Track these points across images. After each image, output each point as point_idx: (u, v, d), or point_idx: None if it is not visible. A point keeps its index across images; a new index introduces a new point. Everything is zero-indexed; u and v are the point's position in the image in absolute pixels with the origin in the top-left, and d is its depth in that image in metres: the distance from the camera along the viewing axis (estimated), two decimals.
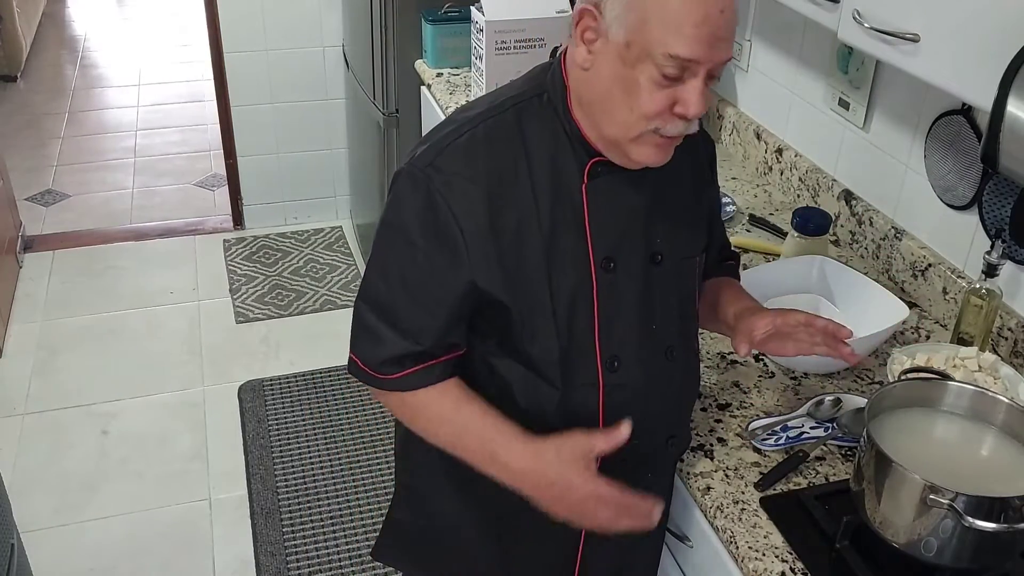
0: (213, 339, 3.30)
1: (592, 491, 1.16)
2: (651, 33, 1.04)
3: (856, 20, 1.37)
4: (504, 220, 1.15)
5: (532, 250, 1.16)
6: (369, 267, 1.24)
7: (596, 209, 1.19)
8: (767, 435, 1.45)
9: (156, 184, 4.29)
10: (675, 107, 1.08)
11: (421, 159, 1.17)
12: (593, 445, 1.16)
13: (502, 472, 1.20)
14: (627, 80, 1.08)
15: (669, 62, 1.05)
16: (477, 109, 1.20)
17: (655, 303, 1.24)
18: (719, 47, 1.06)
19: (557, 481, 1.16)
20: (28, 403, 2.98)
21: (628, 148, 1.13)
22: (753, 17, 2.26)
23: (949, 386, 1.30)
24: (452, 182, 1.14)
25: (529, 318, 1.19)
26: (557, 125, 1.18)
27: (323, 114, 3.74)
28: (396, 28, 2.80)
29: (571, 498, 1.16)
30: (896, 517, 1.17)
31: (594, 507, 1.17)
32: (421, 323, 1.19)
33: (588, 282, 1.19)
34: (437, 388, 1.22)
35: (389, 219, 1.20)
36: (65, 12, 6.42)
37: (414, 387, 1.22)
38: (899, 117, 1.83)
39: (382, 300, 1.21)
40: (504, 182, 1.15)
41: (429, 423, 1.25)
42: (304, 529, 2.55)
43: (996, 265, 1.50)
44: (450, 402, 1.22)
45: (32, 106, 4.99)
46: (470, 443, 1.22)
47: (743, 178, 2.28)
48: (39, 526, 2.54)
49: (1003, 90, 1.07)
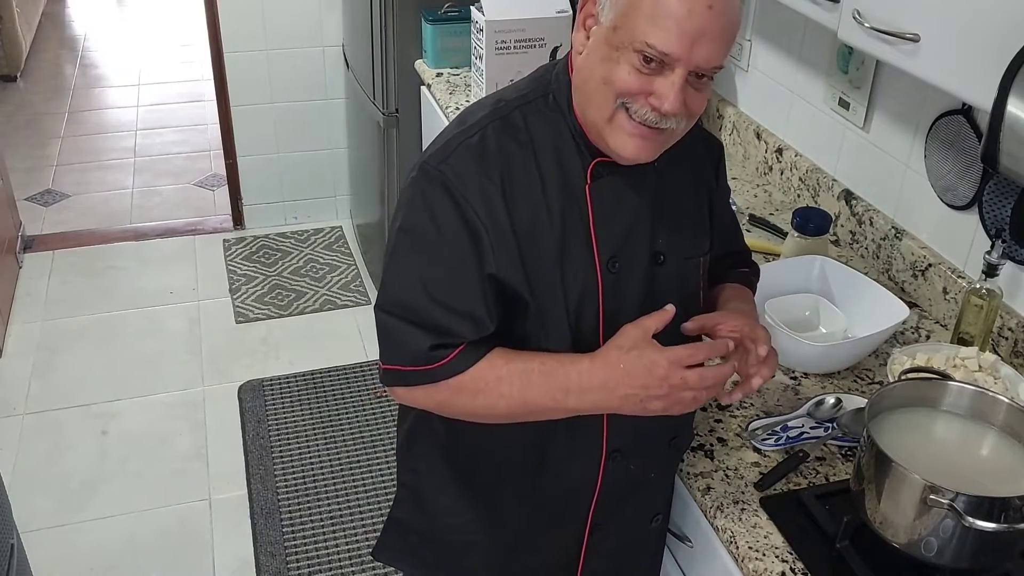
0: (213, 339, 3.30)
1: (678, 354, 1.13)
2: (635, 20, 1.06)
3: (856, 20, 1.38)
4: (519, 218, 1.15)
5: (546, 248, 1.17)
6: (388, 274, 1.21)
7: (600, 210, 1.19)
8: (767, 435, 1.45)
9: (156, 184, 4.29)
10: (651, 96, 1.09)
11: (433, 159, 1.17)
12: (647, 327, 1.15)
13: (582, 398, 1.16)
14: (610, 62, 1.09)
15: (646, 50, 1.05)
16: (483, 111, 1.20)
17: (658, 303, 1.24)
18: (701, 47, 1.05)
19: (635, 370, 1.13)
20: (28, 403, 2.98)
21: (605, 133, 1.14)
22: (753, 17, 2.26)
23: (949, 386, 1.30)
24: (467, 179, 1.14)
25: (545, 314, 1.19)
26: (563, 125, 1.18)
27: (323, 114, 3.74)
28: (396, 28, 2.80)
29: (660, 374, 1.13)
30: (896, 517, 1.17)
31: (685, 373, 1.13)
32: (450, 321, 1.16)
33: (594, 282, 1.19)
34: (486, 358, 1.18)
35: (407, 223, 1.19)
36: (65, 12, 6.42)
37: (463, 368, 1.17)
38: (899, 117, 1.83)
39: (406, 301, 1.18)
40: (516, 181, 1.15)
41: (490, 392, 1.18)
42: (304, 529, 2.55)
43: (996, 265, 1.50)
44: (502, 360, 1.18)
45: (32, 106, 4.99)
46: (538, 388, 1.17)
47: (743, 178, 2.28)
48: (39, 526, 2.54)
49: (1003, 90, 1.07)
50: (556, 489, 1.31)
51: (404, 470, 1.44)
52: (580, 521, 1.34)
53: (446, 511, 1.38)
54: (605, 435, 1.27)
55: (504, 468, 1.31)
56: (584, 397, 1.16)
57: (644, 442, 1.31)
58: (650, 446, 1.32)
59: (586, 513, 1.33)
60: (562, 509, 1.33)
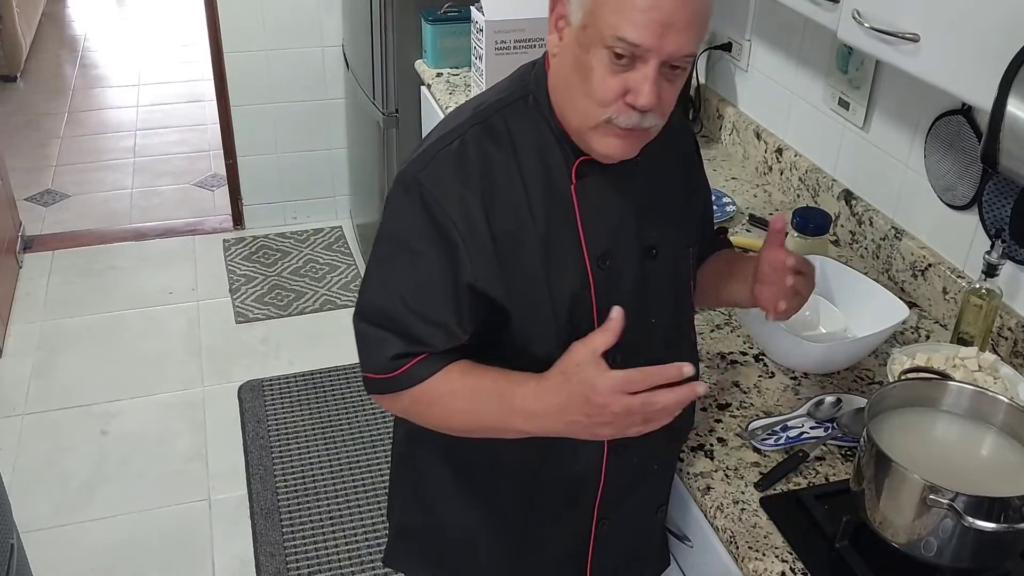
0: (213, 339, 3.30)
1: (617, 381, 1.05)
2: (602, 15, 1.05)
3: (856, 20, 1.38)
4: (500, 224, 1.15)
5: (530, 252, 1.16)
6: (366, 281, 1.23)
7: (587, 208, 1.19)
8: (767, 435, 1.45)
9: (156, 184, 4.29)
10: (627, 96, 1.07)
11: (412, 168, 1.17)
12: (594, 346, 1.08)
13: (528, 422, 1.13)
14: (583, 64, 1.08)
15: (617, 44, 1.04)
16: (464, 115, 1.20)
17: (652, 296, 1.25)
18: (671, 36, 1.04)
19: (576, 398, 1.08)
20: (28, 403, 2.98)
21: (590, 139, 1.13)
22: (753, 17, 2.26)
23: (949, 386, 1.30)
24: (446, 188, 1.14)
25: (529, 320, 1.18)
26: (543, 126, 1.18)
27: (323, 114, 3.74)
28: (396, 28, 2.80)
29: (600, 402, 1.06)
30: (896, 517, 1.17)
31: (628, 400, 1.06)
32: (423, 331, 1.17)
33: (585, 280, 1.19)
34: (444, 370, 1.18)
35: (385, 232, 1.20)
36: (65, 12, 6.42)
37: (422, 377, 1.18)
38: (899, 117, 1.83)
39: (384, 310, 1.19)
40: (497, 186, 1.15)
41: (442, 405, 1.19)
42: (304, 529, 2.55)
43: (996, 265, 1.50)
44: (457, 374, 1.17)
45: (32, 106, 4.99)
46: (487, 407, 1.16)
47: (743, 178, 2.28)
48: (39, 526, 2.54)
49: (1003, 90, 1.07)
50: (560, 483, 1.31)
51: (405, 474, 1.44)
52: (587, 515, 1.34)
53: (451, 512, 1.37)
54: None
55: (505, 466, 1.31)
56: (531, 421, 1.13)
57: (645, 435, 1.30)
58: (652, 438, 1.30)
59: (591, 507, 1.33)
60: (567, 503, 1.33)
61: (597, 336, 1.08)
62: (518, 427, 1.15)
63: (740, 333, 1.70)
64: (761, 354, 1.64)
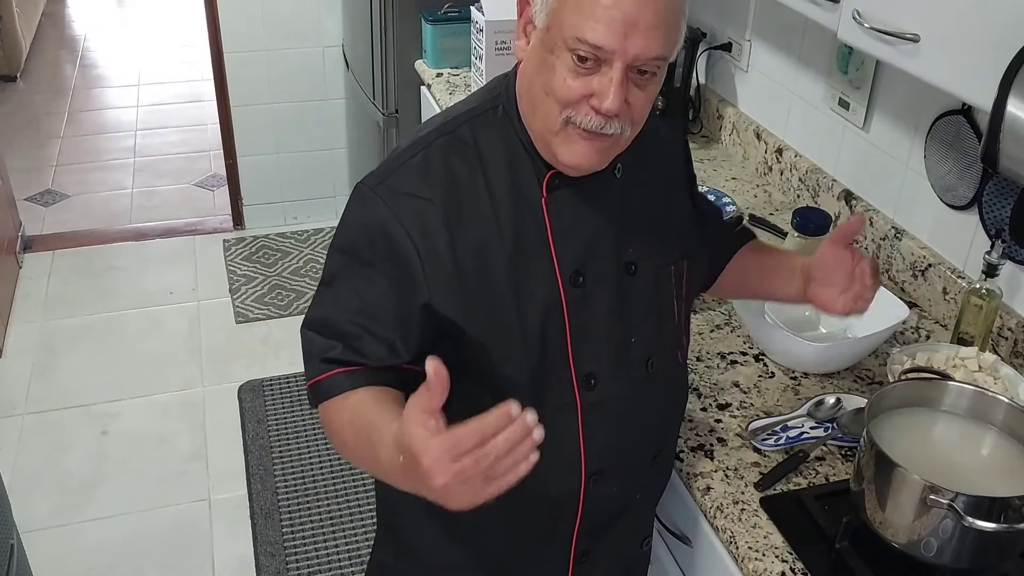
0: (213, 339, 3.30)
1: (444, 446, 0.87)
2: (563, 16, 1.01)
3: (856, 20, 1.37)
4: (464, 241, 1.09)
5: (496, 270, 1.11)
6: (318, 292, 1.17)
7: (559, 223, 1.13)
8: (767, 435, 1.45)
9: (156, 184, 4.29)
10: (591, 99, 1.03)
11: (371, 179, 1.12)
12: (422, 404, 0.89)
13: (395, 482, 0.99)
14: (547, 66, 1.04)
15: (579, 46, 1.00)
16: (431, 127, 1.16)
17: (631, 315, 1.19)
18: (635, 37, 0.99)
19: (409, 469, 0.91)
20: (28, 403, 2.98)
21: (555, 147, 1.08)
22: (753, 17, 2.26)
23: (949, 386, 1.30)
24: (404, 202, 1.09)
25: (495, 342, 1.12)
26: (513, 137, 1.13)
27: (323, 114, 3.74)
28: (396, 28, 2.80)
29: (428, 482, 0.89)
30: (896, 517, 1.17)
31: (455, 469, 0.87)
32: (366, 344, 1.11)
33: (557, 298, 1.13)
34: (345, 395, 1.09)
35: (338, 243, 1.15)
36: (65, 12, 6.42)
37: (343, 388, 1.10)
38: (899, 117, 1.83)
39: (331, 322, 1.13)
40: (462, 200, 1.10)
41: (335, 434, 1.10)
42: (304, 529, 2.55)
43: (996, 265, 1.50)
44: (358, 402, 1.08)
45: (32, 106, 4.99)
46: (364, 452, 1.05)
47: (743, 178, 2.28)
48: (39, 526, 2.54)
49: (1003, 90, 1.07)
50: (538, 507, 1.23)
51: (383, 511, 1.38)
52: (565, 547, 1.28)
53: (428, 549, 1.31)
54: (583, 457, 1.20)
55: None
56: (397, 482, 0.98)
57: (626, 462, 1.25)
58: (633, 465, 1.27)
59: (570, 537, 1.27)
60: (547, 535, 1.26)
61: (421, 396, 0.89)
62: (394, 483, 1.00)
63: (740, 333, 1.70)
64: (761, 354, 1.64)
